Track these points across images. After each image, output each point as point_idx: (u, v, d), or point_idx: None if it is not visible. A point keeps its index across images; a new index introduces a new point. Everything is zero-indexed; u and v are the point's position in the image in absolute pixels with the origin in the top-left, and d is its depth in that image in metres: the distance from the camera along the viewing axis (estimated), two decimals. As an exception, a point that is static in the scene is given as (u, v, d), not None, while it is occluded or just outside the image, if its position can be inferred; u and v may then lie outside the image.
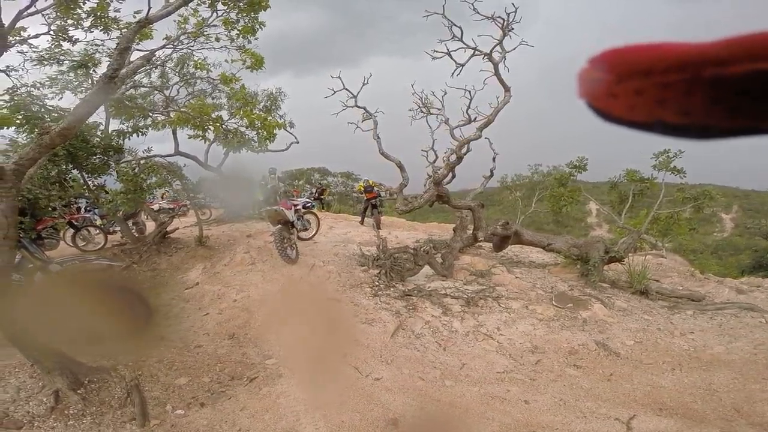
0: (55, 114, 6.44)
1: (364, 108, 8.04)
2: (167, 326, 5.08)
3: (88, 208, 8.98)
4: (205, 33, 7.24)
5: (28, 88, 6.66)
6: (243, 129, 9.01)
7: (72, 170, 7.23)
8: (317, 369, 4.11)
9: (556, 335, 5.05)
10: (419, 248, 7.05)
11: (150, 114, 8.73)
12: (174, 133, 9.20)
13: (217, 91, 9.35)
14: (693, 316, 5.66)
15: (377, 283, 6.26)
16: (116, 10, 6.16)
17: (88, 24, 6.17)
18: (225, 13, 6.95)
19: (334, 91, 7.95)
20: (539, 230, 10.37)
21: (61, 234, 8.24)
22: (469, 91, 7.73)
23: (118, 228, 8.69)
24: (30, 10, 4.96)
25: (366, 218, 11.65)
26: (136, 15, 5.97)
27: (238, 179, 9.68)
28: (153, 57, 6.55)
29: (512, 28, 7.18)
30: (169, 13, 4.05)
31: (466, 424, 3.33)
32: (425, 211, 11.91)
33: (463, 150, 7.52)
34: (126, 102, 8.13)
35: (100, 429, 3.14)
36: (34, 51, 6.53)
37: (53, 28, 6.13)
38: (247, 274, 6.62)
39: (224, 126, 8.81)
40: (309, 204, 8.64)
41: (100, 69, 6.96)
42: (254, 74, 8.59)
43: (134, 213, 8.48)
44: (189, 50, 7.93)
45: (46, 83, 6.92)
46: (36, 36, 6.17)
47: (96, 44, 6.90)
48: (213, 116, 8.56)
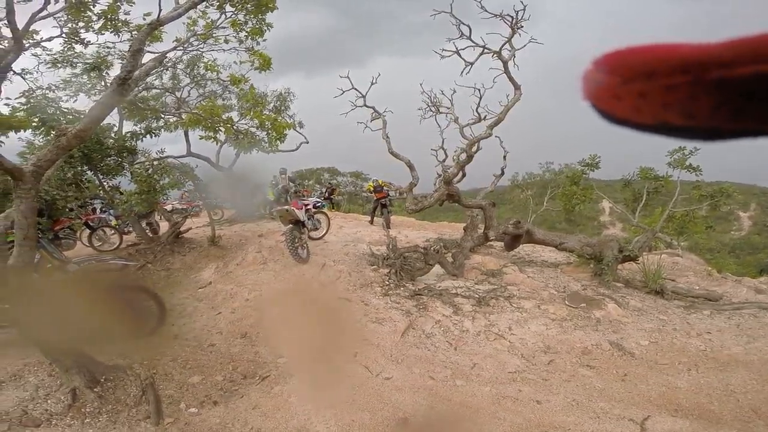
0: (70, 116, 6.57)
1: (373, 108, 8.05)
2: (181, 325, 5.15)
3: (104, 209, 9.14)
4: (214, 35, 7.32)
5: (44, 91, 6.80)
6: (253, 130, 9.10)
7: (87, 171, 7.37)
8: (328, 368, 4.12)
9: (569, 335, 5.00)
10: (429, 247, 7.02)
11: (162, 115, 8.86)
12: (186, 135, 9.33)
13: (228, 92, 9.46)
14: (710, 316, 5.55)
15: (387, 283, 6.26)
16: (126, 13, 6.25)
17: (99, 26, 6.27)
18: (233, 15, 7.02)
19: (343, 91, 7.97)
20: (551, 229, 10.26)
21: (78, 234, 8.41)
22: (479, 90, 7.69)
23: (133, 228, 8.83)
24: (42, 14, 5.05)
25: (375, 218, 11.65)
26: (146, 17, 6.06)
27: (242, 179, 9.80)
28: (164, 59, 6.63)
29: (521, 26, 7.13)
30: (180, 15, 4.10)
31: (477, 424, 3.31)
32: (435, 211, 11.88)
33: (474, 149, 7.48)
34: (139, 104, 8.26)
35: (116, 427, 3.20)
36: (48, 54, 6.67)
37: (65, 31, 6.24)
38: (259, 274, 6.68)
39: (235, 127, 8.90)
40: (319, 204, 8.66)
41: (113, 71, 7.09)
42: (263, 75, 8.68)
43: (148, 213, 8.61)
44: (199, 52, 8.03)
45: (61, 86, 7.06)
46: (49, 39, 6.29)
47: (108, 47, 7.02)
48: (224, 117, 8.66)
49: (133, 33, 6.35)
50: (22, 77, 6.50)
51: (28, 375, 3.71)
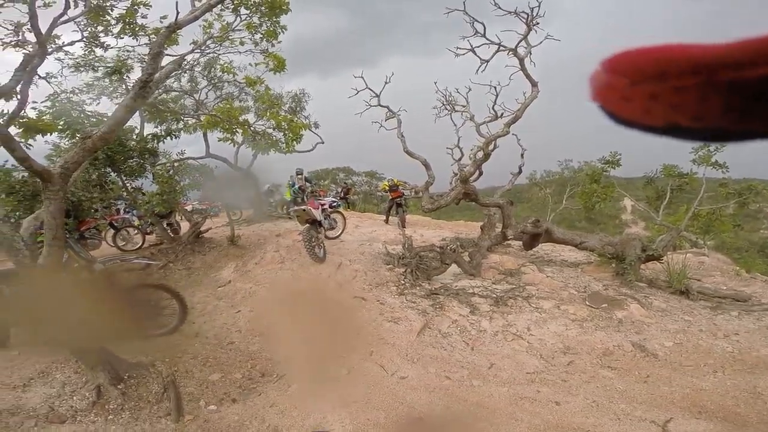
0: (94, 119, 6.77)
1: (387, 107, 8.06)
2: (202, 323, 5.25)
3: (127, 210, 9.39)
4: (230, 37, 7.45)
5: (68, 95, 7.03)
6: (270, 131, 9.22)
7: (111, 173, 7.58)
8: (343, 367, 4.14)
9: (590, 336, 4.89)
10: (446, 246, 6.98)
11: (182, 117, 9.05)
12: (205, 136, 9.52)
13: (244, 94, 9.61)
14: (738, 317, 5.35)
15: (403, 282, 6.25)
16: (143, 16, 6.41)
17: (117, 30, 6.44)
18: (248, 18, 7.13)
19: (357, 91, 8.00)
20: (571, 228, 10.08)
21: (103, 234, 8.66)
22: (495, 87, 7.61)
23: (155, 228, 9.04)
24: (63, 18, 5.21)
25: (391, 217, 11.66)
26: (163, 20, 6.20)
27: (245, 178, 9.94)
28: (183, 62, 6.78)
29: (537, 23, 7.03)
30: (196, 18, 4.17)
31: (494, 425, 3.27)
32: (451, 210, 11.81)
33: (491, 147, 7.41)
34: (159, 106, 8.46)
35: (137, 424, 3.28)
36: (70, 58, 6.89)
37: (85, 35, 6.43)
38: (277, 273, 6.76)
39: (252, 128, 9.03)
40: (335, 203, 8.72)
41: (133, 74, 7.28)
42: (278, 76, 8.79)
43: (168, 213, 8.80)
44: (215, 54, 8.18)
45: (84, 89, 7.29)
46: (71, 43, 6.50)
47: (127, 50, 7.22)
48: (240, 120, 8.80)
49: (151, 37, 6.51)
50: (47, 81, 6.74)
51: (56, 372, 3.83)
